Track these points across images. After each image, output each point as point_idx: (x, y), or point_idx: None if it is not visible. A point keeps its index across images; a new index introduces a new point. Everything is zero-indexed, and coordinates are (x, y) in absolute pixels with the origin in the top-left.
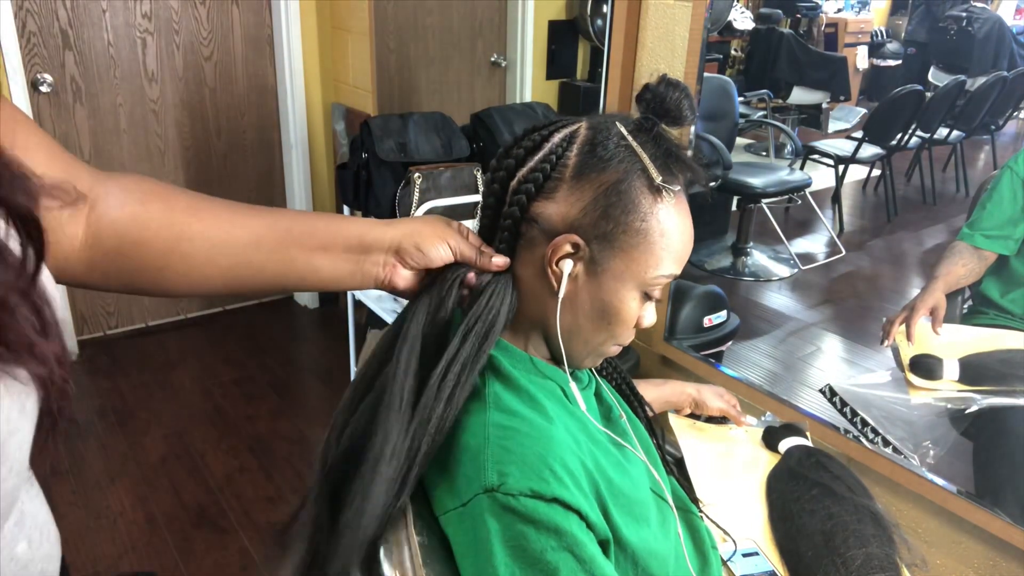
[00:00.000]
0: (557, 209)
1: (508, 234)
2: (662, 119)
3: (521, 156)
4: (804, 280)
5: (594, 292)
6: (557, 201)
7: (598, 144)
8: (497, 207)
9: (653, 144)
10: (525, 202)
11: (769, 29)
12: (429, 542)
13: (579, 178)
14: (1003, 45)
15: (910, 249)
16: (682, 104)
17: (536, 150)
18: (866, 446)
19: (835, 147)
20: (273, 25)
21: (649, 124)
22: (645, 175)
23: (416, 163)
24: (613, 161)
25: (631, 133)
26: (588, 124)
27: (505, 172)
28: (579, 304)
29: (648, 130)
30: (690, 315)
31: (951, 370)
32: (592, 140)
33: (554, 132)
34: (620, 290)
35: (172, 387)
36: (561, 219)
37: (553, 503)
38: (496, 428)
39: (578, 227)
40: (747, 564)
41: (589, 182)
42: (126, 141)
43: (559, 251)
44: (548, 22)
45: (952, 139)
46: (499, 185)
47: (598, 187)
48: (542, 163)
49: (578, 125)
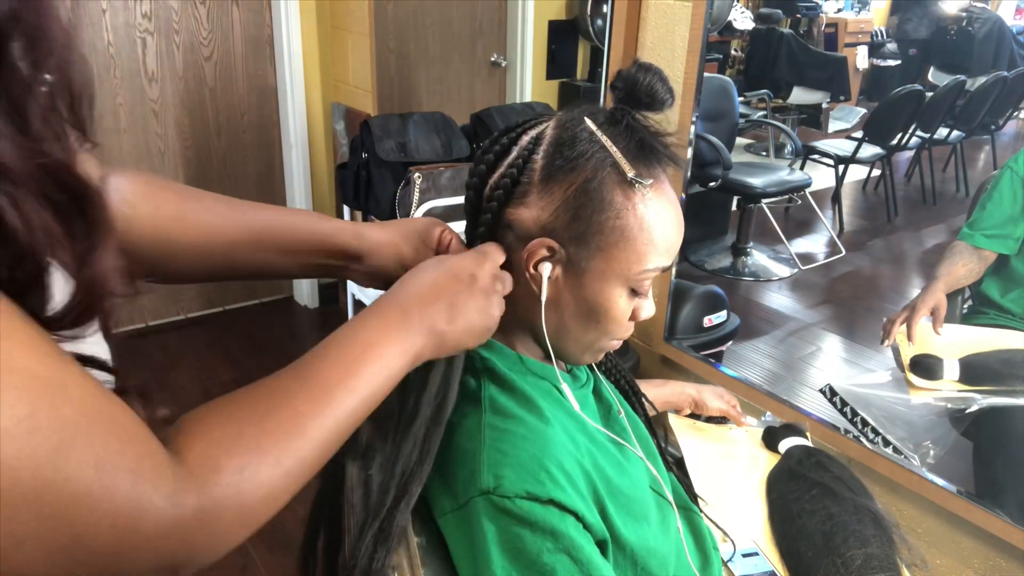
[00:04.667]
0: (529, 214)
1: (481, 241)
2: (638, 107)
3: (491, 161)
4: (804, 280)
5: (577, 292)
6: (529, 206)
7: (564, 144)
8: (475, 214)
9: (626, 135)
10: (497, 209)
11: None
12: (428, 542)
13: (547, 181)
14: (1003, 45)
15: (910, 249)
16: (655, 87)
17: (505, 154)
18: (866, 446)
19: (835, 147)
20: (273, 25)
21: (620, 114)
22: (616, 170)
23: (416, 163)
24: (580, 160)
25: (601, 126)
26: (556, 123)
27: (478, 179)
28: (563, 305)
29: (619, 121)
30: (690, 315)
31: (951, 370)
32: (558, 140)
33: (522, 134)
34: (604, 289)
35: (172, 387)
36: (534, 223)
37: (549, 505)
38: (491, 430)
39: (551, 230)
40: (747, 564)
41: (558, 184)
42: (126, 141)
43: (535, 256)
44: (548, 22)
45: (952, 139)
46: (474, 192)
47: (567, 188)
48: (510, 168)
49: (545, 125)
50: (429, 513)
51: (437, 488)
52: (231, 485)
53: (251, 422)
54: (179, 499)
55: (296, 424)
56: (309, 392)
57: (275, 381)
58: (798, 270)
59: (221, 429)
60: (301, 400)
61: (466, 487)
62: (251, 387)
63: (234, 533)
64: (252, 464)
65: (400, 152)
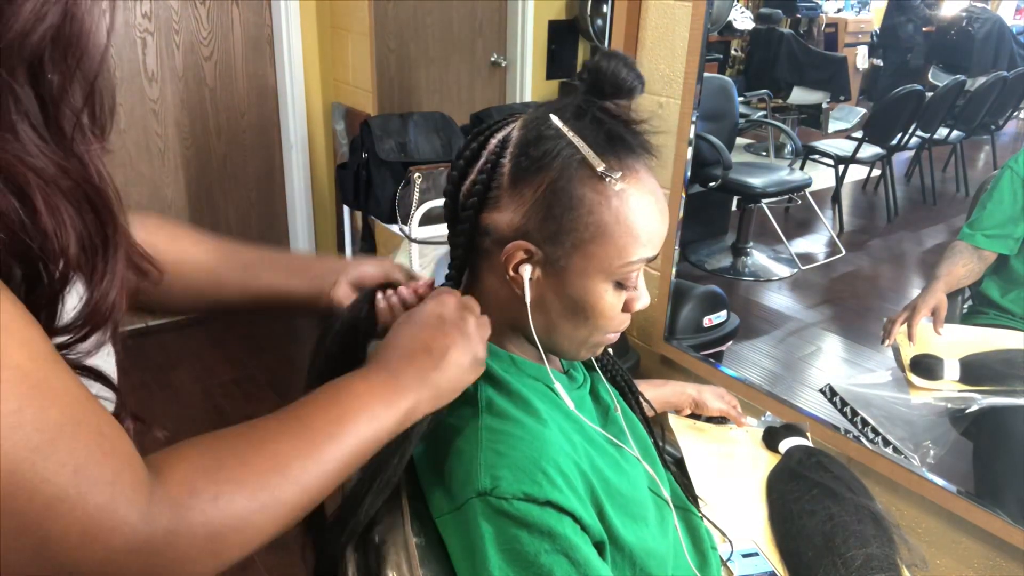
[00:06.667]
0: (503, 218)
1: (462, 251)
2: (606, 96)
3: (463, 167)
4: (804, 280)
5: (560, 291)
6: (502, 210)
7: (530, 144)
8: (453, 220)
9: (593, 128)
10: (473, 216)
11: (769, 29)
12: (427, 543)
13: (516, 184)
14: (1003, 45)
15: (910, 249)
16: (619, 72)
17: (475, 160)
18: (866, 446)
19: (835, 147)
20: (273, 25)
21: (587, 105)
22: (585, 165)
23: (416, 163)
24: (547, 159)
25: (568, 121)
26: (521, 123)
27: (452, 186)
28: (549, 305)
29: (585, 114)
30: (690, 315)
31: (952, 370)
32: (524, 140)
33: (490, 138)
34: (588, 285)
35: (172, 387)
36: (508, 227)
37: (546, 506)
38: (488, 432)
39: (525, 233)
40: (747, 564)
41: (527, 185)
42: (126, 141)
43: (512, 259)
44: (548, 22)
45: (952, 139)
46: (450, 199)
47: (536, 189)
48: (480, 174)
49: (512, 127)
50: (428, 514)
51: (435, 489)
52: (204, 512)
53: (234, 455)
54: (152, 518)
55: (277, 463)
56: (293, 434)
57: (262, 422)
58: (798, 270)
59: (203, 458)
60: (284, 440)
61: (463, 488)
62: (239, 425)
63: (202, 562)
64: (227, 494)
65: (400, 152)
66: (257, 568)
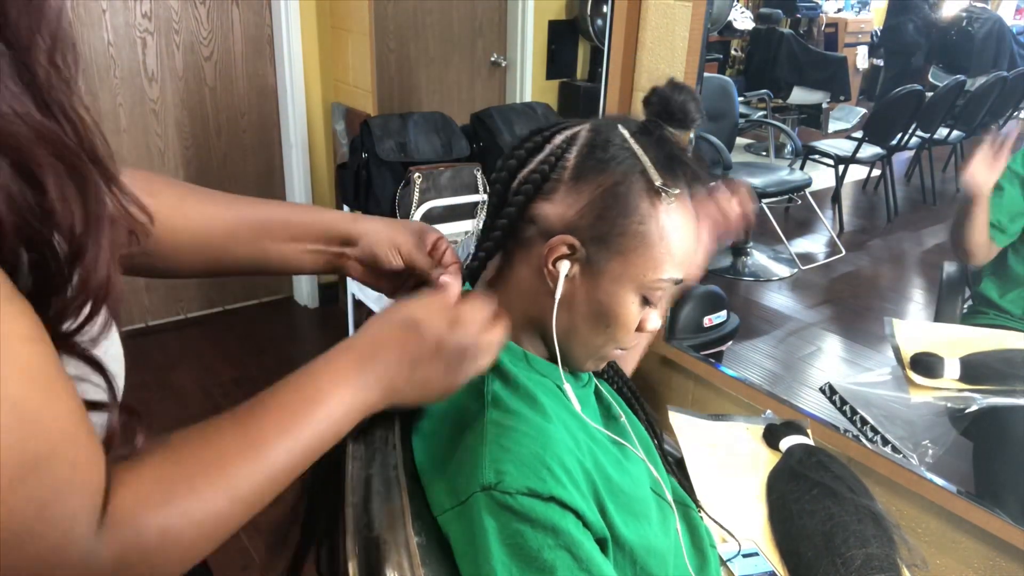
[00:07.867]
0: (555, 210)
1: (502, 233)
2: (667, 122)
3: (523, 157)
4: (804, 280)
5: (591, 294)
6: (555, 202)
7: (598, 146)
8: (499, 207)
9: (656, 147)
10: (524, 202)
11: (769, 29)
12: (427, 543)
13: (577, 179)
14: (1003, 45)
15: (910, 249)
16: (688, 107)
17: (537, 151)
18: (866, 446)
19: (835, 147)
20: (273, 25)
21: (653, 127)
22: (645, 177)
23: (416, 163)
24: (612, 163)
25: (634, 135)
26: (591, 127)
27: (507, 173)
28: (576, 305)
29: (651, 133)
30: (690, 315)
31: (952, 369)
32: (592, 142)
33: (556, 134)
34: (618, 292)
35: (172, 387)
36: (558, 220)
37: (550, 502)
38: (494, 427)
39: (575, 228)
40: (747, 564)
41: (587, 183)
42: (126, 141)
43: (555, 252)
44: (548, 22)
45: (952, 139)
46: (501, 185)
47: (595, 189)
48: (542, 164)
49: (580, 127)
50: (429, 513)
51: (438, 484)
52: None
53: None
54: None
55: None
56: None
57: (216, 420)
58: (798, 270)
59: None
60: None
61: (468, 482)
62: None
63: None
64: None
65: (400, 152)
66: (257, 568)
